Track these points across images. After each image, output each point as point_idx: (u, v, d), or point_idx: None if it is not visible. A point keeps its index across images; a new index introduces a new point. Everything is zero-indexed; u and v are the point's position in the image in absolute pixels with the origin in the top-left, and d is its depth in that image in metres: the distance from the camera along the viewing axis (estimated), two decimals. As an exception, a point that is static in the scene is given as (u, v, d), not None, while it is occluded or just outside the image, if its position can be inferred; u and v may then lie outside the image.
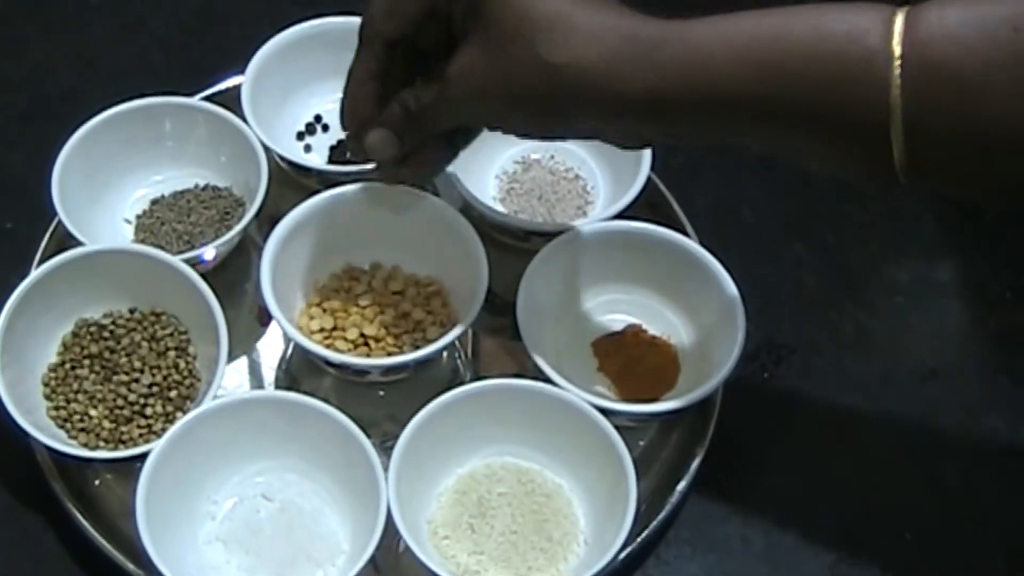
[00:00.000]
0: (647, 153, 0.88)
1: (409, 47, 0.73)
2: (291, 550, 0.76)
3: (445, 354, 0.85)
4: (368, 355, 0.80)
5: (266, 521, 0.77)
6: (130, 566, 0.76)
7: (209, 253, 0.83)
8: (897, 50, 0.57)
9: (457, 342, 0.84)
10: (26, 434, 0.76)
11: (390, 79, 0.74)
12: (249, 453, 0.78)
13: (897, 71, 0.57)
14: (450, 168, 0.86)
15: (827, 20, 0.60)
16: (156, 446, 0.75)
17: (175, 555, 0.73)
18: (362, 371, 0.80)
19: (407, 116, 0.72)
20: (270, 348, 0.86)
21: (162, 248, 0.83)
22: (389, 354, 0.80)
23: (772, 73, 0.60)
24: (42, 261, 0.84)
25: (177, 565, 0.72)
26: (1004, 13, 0.56)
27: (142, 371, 0.81)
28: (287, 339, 0.85)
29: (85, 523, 0.77)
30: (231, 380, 0.83)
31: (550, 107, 0.67)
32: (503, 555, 0.76)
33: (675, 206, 0.91)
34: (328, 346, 0.80)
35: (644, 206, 0.87)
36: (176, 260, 0.81)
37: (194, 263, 0.82)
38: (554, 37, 0.64)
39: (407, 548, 0.73)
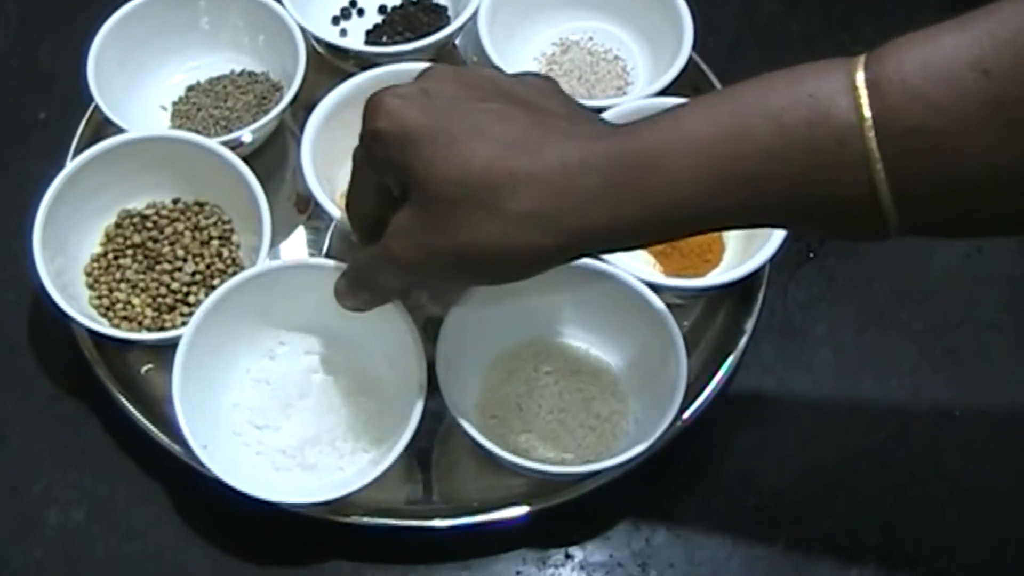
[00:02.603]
0: (688, 33, 0.87)
1: None
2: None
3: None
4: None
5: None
6: (175, 447, 0.75)
7: (247, 136, 0.82)
8: (869, 123, 0.53)
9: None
10: (69, 319, 0.75)
11: None
12: (286, 321, 0.76)
13: (874, 145, 0.53)
14: (488, 52, 0.86)
15: (784, 104, 0.55)
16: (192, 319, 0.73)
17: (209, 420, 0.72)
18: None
19: (355, 274, 0.70)
20: (309, 236, 0.85)
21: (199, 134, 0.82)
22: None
23: (740, 183, 0.56)
24: (78, 151, 0.83)
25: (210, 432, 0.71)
26: (967, 58, 0.52)
27: (185, 260, 0.80)
28: (327, 223, 0.84)
29: (129, 406, 0.77)
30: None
31: (508, 260, 0.61)
32: (552, 433, 0.76)
33: (718, 85, 0.89)
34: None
35: (685, 85, 0.86)
36: (217, 145, 0.80)
37: (233, 146, 0.81)
38: (495, 191, 0.59)
39: (456, 428, 0.73)
